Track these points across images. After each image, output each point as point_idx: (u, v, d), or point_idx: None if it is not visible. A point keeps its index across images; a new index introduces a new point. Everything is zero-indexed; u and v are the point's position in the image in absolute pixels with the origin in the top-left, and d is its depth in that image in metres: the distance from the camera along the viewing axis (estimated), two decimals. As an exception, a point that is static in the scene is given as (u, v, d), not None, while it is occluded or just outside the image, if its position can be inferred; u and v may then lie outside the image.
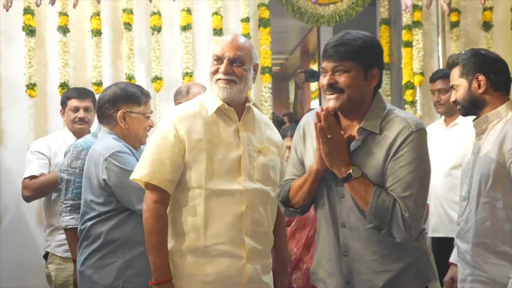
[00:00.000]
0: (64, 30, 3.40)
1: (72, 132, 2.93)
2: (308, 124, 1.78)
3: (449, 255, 2.21)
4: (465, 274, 1.95)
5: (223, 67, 1.84)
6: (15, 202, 3.20)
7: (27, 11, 3.33)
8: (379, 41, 1.71)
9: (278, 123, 3.73)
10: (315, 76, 3.41)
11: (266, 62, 3.67)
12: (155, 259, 1.80)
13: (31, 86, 3.32)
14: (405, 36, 3.78)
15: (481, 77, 1.95)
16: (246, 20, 3.63)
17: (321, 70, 1.66)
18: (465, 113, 2.03)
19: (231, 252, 1.82)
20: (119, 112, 2.16)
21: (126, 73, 3.48)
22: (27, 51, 3.33)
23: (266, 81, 3.67)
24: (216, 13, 3.60)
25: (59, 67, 3.40)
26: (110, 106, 2.18)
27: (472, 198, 1.92)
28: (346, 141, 1.63)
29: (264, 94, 3.67)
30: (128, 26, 3.50)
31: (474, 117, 2.02)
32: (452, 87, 2.03)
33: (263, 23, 3.68)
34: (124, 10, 3.49)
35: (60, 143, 2.90)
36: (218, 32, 3.57)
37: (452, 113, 3.07)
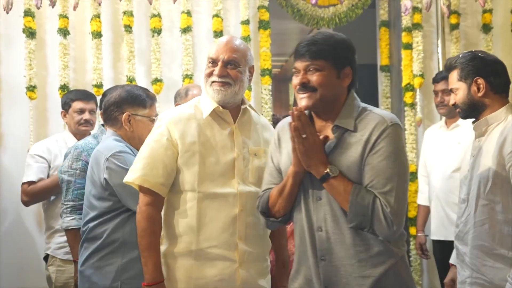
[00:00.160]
0: (65, 33, 3.40)
1: (75, 134, 2.92)
2: (283, 131, 1.75)
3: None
4: (465, 276, 1.95)
5: (218, 70, 1.82)
6: (15, 204, 3.20)
7: (28, 13, 3.34)
8: (351, 41, 1.67)
9: None
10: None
11: (266, 64, 3.67)
12: (147, 261, 1.80)
13: (31, 88, 3.32)
14: (405, 38, 3.78)
15: (481, 81, 1.94)
16: (246, 22, 3.63)
17: (294, 71, 1.64)
18: (465, 116, 2.02)
19: (224, 256, 1.81)
20: (124, 115, 2.16)
21: (127, 75, 3.48)
22: (28, 53, 3.33)
23: (266, 83, 3.67)
24: (216, 15, 3.61)
25: (59, 69, 3.39)
26: (115, 109, 2.18)
27: (471, 201, 1.92)
28: (322, 141, 1.60)
29: (264, 96, 3.68)
30: (129, 28, 3.50)
31: (473, 119, 2.02)
32: (451, 91, 2.02)
33: (263, 25, 3.68)
34: (125, 13, 3.50)
35: (60, 145, 2.89)
36: (218, 34, 3.57)
37: (454, 115, 3.01)
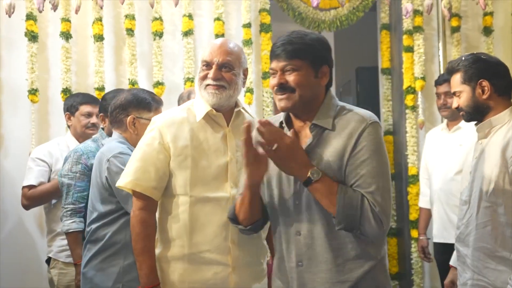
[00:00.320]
0: (67, 36, 3.40)
1: (77, 137, 2.91)
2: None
3: (453, 261, 2.21)
4: (466, 278, 1.95)
5: (212, 73, 1.81)
6: (16, 207, 3.18)
7: (30, 17, 3.34)
8: (326, 39, 1.63)
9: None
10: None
11: (268, 67, 3.67)
12: (142, 265, 1.80)
13: (33, 92, 3.32)
14: (406, 41, 3.79)
15: (485, 83, 1.95)
16: (248, 26, 3.64)
17: (270, 72, 1.62)
18: (469, 119, 2.02)
19: (217, 260, 1.81)
20: (129, 118, 2.18)
21: (129, 79, 3.48)
22: (29, 57, 3.33)
23: (268, 86, 3.67)
24: (218, 19, 3.61)
25: (62, 73, 3.39)
26: (121, 111, 2.21)
27: (473, 202, 1.92)
28: (297, 144, 1.54)
29: (266, 99, 3.69)
30: (130, 32, 3.50)
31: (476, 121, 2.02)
32: (454, 94, 2.02)
33: (265, 29, 3.69)
34: (126, 16, 3.50)
35: (62, 149, 2.88)
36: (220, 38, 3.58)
37: (456, 117, 3.02)
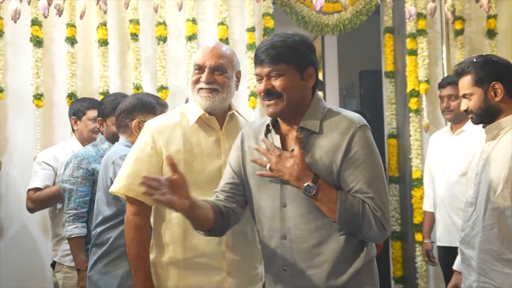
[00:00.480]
0: (72, 41, 3.42)
1: (83, 142, 2.91)
2: (247, 135, 1.73)
3: (457, 264, 2.19)
4: (471, 281, 1.93)
5: (205, 76, 1.80)
6: (20, 211, 3.20)
7: (35, 23, 3.35)
8: (310, 40, 1.62)
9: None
10: (319, 85, 3.42)
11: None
12: (136, 270, 1.80)
13: (38, 96, 3.33)
14: (410, 44, 3.79)
15: (498, 85, 1.93)
16: (252, 30, 3.65)
17: (256, 78, 1.61)
18: (479, 122, 2.00)
19: (211, 265, 1.80)
20: (134, 121, 2.19)
21: (134, 83, 3.49)
22: (35, 62, 3.34)
23: (272, 90, 3.68)
24: (222, 23, 3.62)
25: (67, 78, 3.40)
26: (126, 115, 2.22)
27: (480, 204, 1.90)
28: (299, 155, 1.53)
29: (270, 103, 3.68)
30: (135, 37, 3.51)
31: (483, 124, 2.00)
32: (464, 96, 2.00)
33: (268, 32, 3.69)
34: (131, 21, 3.51)
35: (67, 153, 2.88)
36: (224, 42, 3.58)
37: (460, 120, 3.03)
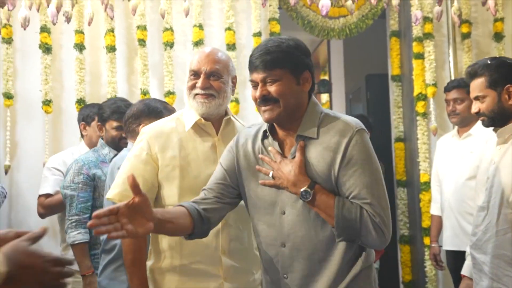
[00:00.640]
0: (81, 48, 3.45)
1: (93, 147, 2.83)
2: (243, 136, 1.71)
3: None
4: (483, 286, 1.91)
5: (201, 82, 1.79)
6: (28, 217, 3.23)
7: (44, 30, 3.39)
8: (304, 44, 1.60)
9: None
10: (326, 86, 3.42)
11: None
12: (132, 277, 1.79)
13: (47, 103, 3.36)
14: (416, 48, 3.79)
15: None
16: (258, 35, 3.66)
17: (251, 84, 1.58)
18: (491, 125, 1.98)
19: (208, 271, 1.79)
20: (141, 127, 2.17)
21: (141, 88, 3.51)
22: (43, 68, 3.37)
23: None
24: (229, 28, 3.64)
25: (76, 84, 3.43)
26: (133, 121, 2.23)
27: (492, 208, 1.88)
28: (298, 161, 1.53)
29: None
30: (142, 42, 3.53)
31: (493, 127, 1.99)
32: (477, 99, 1.98)
33: (274, 37, 3.71)
34: (138, 27, 3.53)
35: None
36: (231, 47, 3.60)
37: (466, 124, 3.01)
